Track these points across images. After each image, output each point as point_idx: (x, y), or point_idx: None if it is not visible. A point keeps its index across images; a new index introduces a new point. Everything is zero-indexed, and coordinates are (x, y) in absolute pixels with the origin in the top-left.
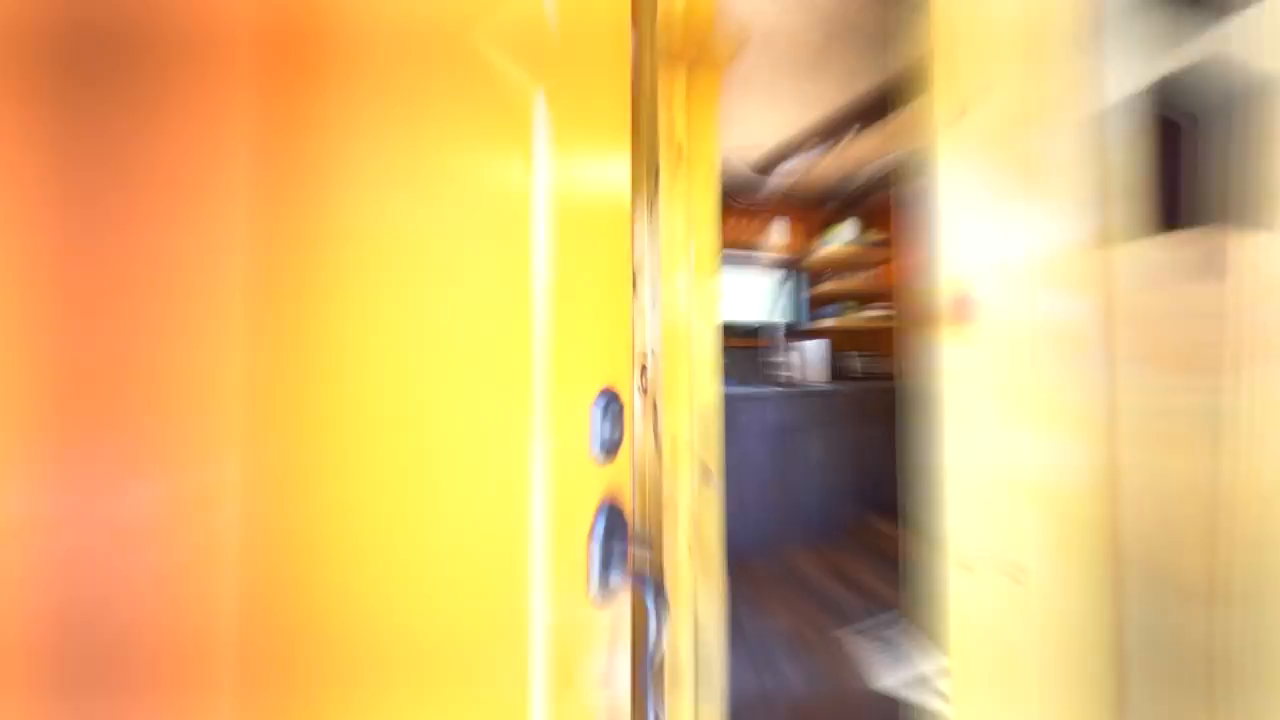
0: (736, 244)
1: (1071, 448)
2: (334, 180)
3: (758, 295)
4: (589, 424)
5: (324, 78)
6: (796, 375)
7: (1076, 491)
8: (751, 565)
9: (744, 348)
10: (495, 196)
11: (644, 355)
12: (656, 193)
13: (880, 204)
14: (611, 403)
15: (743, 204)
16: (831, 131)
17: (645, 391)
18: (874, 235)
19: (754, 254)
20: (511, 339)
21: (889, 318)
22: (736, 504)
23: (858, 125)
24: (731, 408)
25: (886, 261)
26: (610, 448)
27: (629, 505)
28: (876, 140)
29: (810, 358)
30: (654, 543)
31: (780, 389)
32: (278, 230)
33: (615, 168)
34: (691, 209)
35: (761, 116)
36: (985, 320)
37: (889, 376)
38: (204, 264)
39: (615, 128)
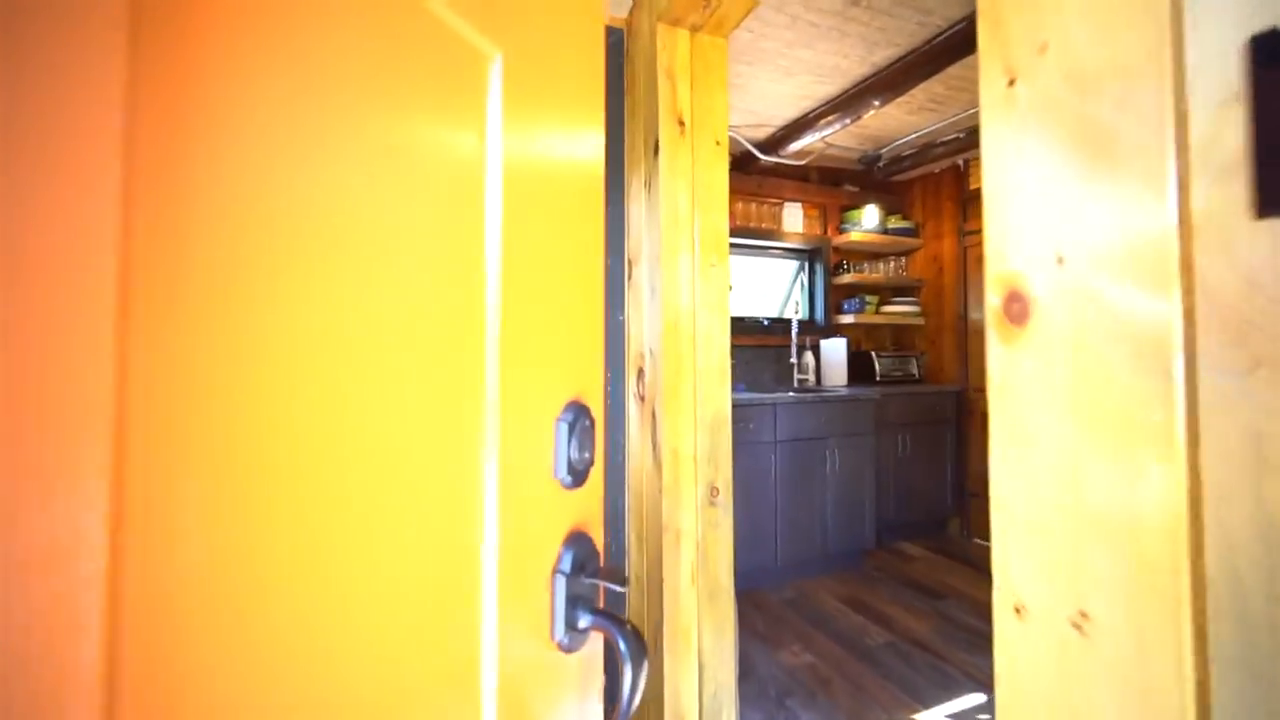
0: (745, 231)
1: (1148, 474)
2: (236, 155)
3: (769, 288)
4: (552, 443)
5: (232, 31)
6: (813, 379)
7: (1153, 526)
8: (764, 595)
9: (755, 347)
10: (439, 174)
11: (641, 356)
12: (656, 169)
13: (905, 187)
14: (580, 418)
15: (751, 186)
16: (850, 106)
17: (642, 399)
18: (898, 221)
19: (765, 242)
20: (458, 341)
21: (916, 313)
22: (747, 525)
23: (879, 99)
24: (740, 415)
25: (913, 251)
26: (578, 471)
27: (601, 536)
28: (901, 114)
29: (829, 359)
30: (642, 577)
31: (796, 394)
32: (161, 217)
33: (586, 143)
34: (696, 187)
35: (772, 90)
36: (1044, 322)
37: (915, 379)
38: (77, 257)
39: (586, 98)
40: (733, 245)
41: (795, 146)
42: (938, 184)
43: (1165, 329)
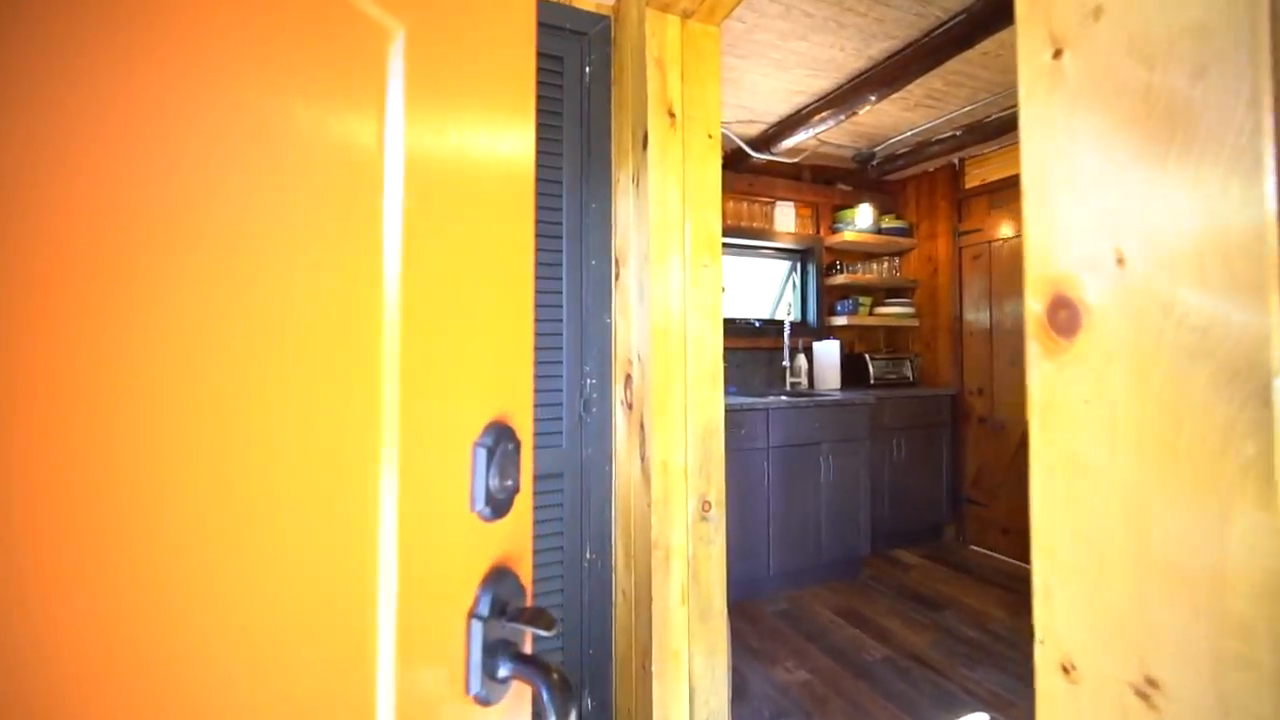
0: (736, 230)
1: (1237, 520)
2: (63, 139)
3: (761, 289)
4: (469, 471)
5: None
6: (805, 382)
7: (1245, 583)
8: (756, 606)
9: (746, 349)
10: (324, 167)
11: (629, 362)
12: (645, 164)
13: (899, 186)
14: (502, 442)
15: (742, 185)
16: (845, 101)
17: (630, 406)
18: (892, 221)
19: (756, 242)
20: (347, 358)
21: (910, 315)
22: (739, 534)
23: (875, 94)
24: (732, 420)
25: (907, 251)
26: (499, 500)
27: (528, 570)
28: (897, 111)
29: (822, 361)
30: (630, 595)
31: (789, 398)
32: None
33: (512, 135)
34: (687, 183)
35: (765, 85)
36: (1099, 333)
37: (910, 382)
38: None
39: (511, 83)
40: (724, 245)
41: (788, 144)
42: (932, 183)
43: (1261, 344)
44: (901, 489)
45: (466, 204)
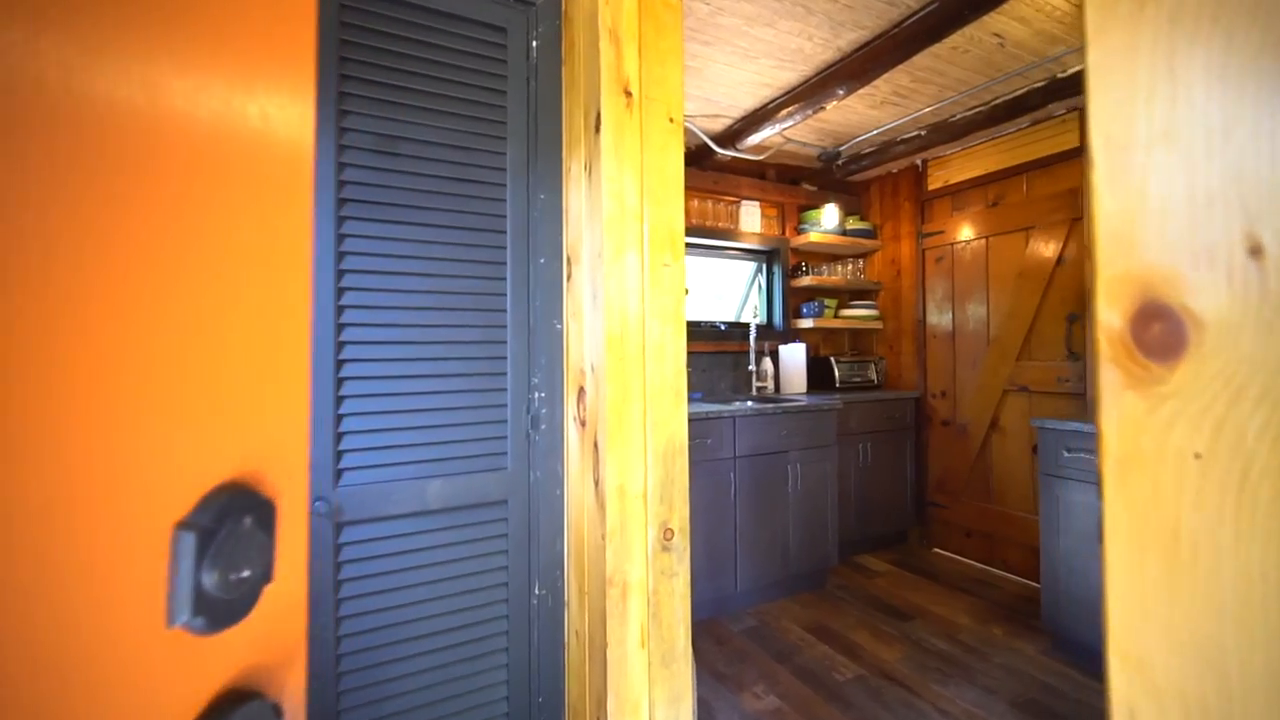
0: (701, 230)
1: None
2: None
3: (726, 291)
4: (164, 568)
5: None
6: (771, 386)
7: None
8: (723, 625)
9: (711, 353)
10: None
11: (582, 373)
12: (598, 149)
13: (862, 187)
14: (235, 514)
15: (707, 183)
16: (812, 95)
17: (583, 424)
18: (856, 223)
19: (721, 242)
20: None
21: (875, 317)
22: (705, 550)
23: (844, 88)
24: (697, 430)
25: (871, 253)
26: (225, 602)
27: (299, 677)
28: (864, 108)
29: (788, 365)
30: (584, 636)
31: (755, 405)
32: None
33: (252, 93)
34: (646, 172)
35: (730, 76)
36: (1220, 357)
37: (874, 385)
38: None
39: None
40: (688, 245)
41: (754, 140)
42: (896, 184)
43: None
44: (868, 495)
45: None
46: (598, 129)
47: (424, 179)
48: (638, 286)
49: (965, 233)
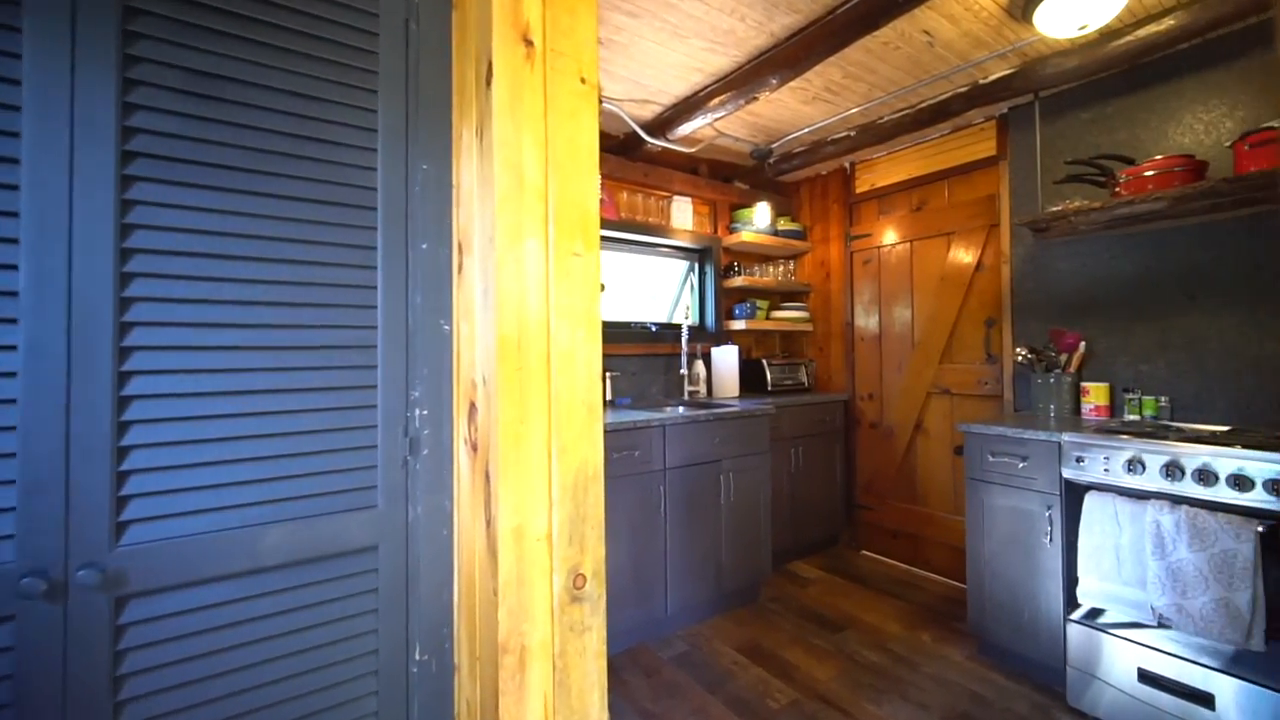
0: (632, 225)
1: None
2: None
3: (658, 290)
4: None
5: None
6: (704, 390)
7: None
8: (650, 653)
9: (642, 356)
10: None
11: (474, 386)
12: (490, 108)
13: (793, 188)
14: None
15: (637, 175)
16: (746, 83)
17: (475, 448)
18: (787, 224)
19: (653, 239)
20: None
21: (805, 319)
22: (631, 573)
23: (777, 77)
24: (625, 441)
25: (802, 255)
26: None
27: None
28: (796, 103)
29: (720, 368)
30: (475, 710)
31: (687, 411)
32: None
33: None
34: (552, 141)
35: (660, 56)
36: None
37: (805, 388)
38: None
39: None
40: (619, 240)
41: (685, 129)
42: (825, 186)
43: None
44: (800, 500)
45: None
46: (489, 83)
47: (261, 135)
48: (540, 280)
49: (891, 236)
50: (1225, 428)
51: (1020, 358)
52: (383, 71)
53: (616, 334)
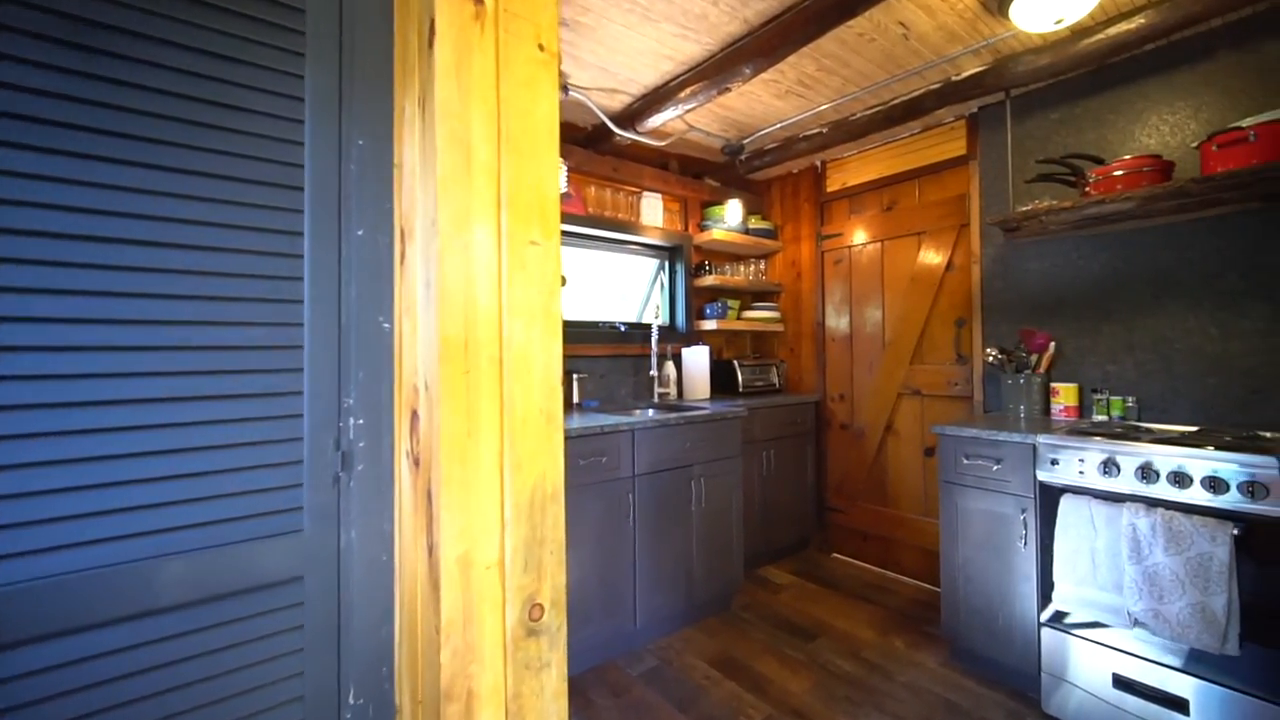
0: (601, 221)
1: None
2: None
3: (627, 289)
4: None
5: None
6: (674, 392)
7: None
8: (619, 670)
9: (610, 357)
10: None
11: (415, 392)
12: (432, 74)
13: (764, 187)
14: None
15: (606, 169)
16: (718, 73)
17: (417, 463)
18: (759, 222)
19: (623, 235)
20: None
21: (776, 319)
22: (599, 585)
23: (750, 66)
24: (592, 447)
25: (773, 254)
26: None
27: None
28: (769, 97)
29: (691, 369)
30: None
31: (657, 414)
32: None
33: None
34: (505, 113)
35: (629, 42)
36: None
37: (776, 389)
38: None
39: None
40: (587, 236)
41: (656, 121)
42: (796, 185)
43: None
44: (771, 504)
45: None
46: (431, 44)
47: (156, 98)
48: (491, 272)
49: (862, 236)
50: (1194, 428)
51: (991, 358)
52: (311, 31)
53: (584, 334)
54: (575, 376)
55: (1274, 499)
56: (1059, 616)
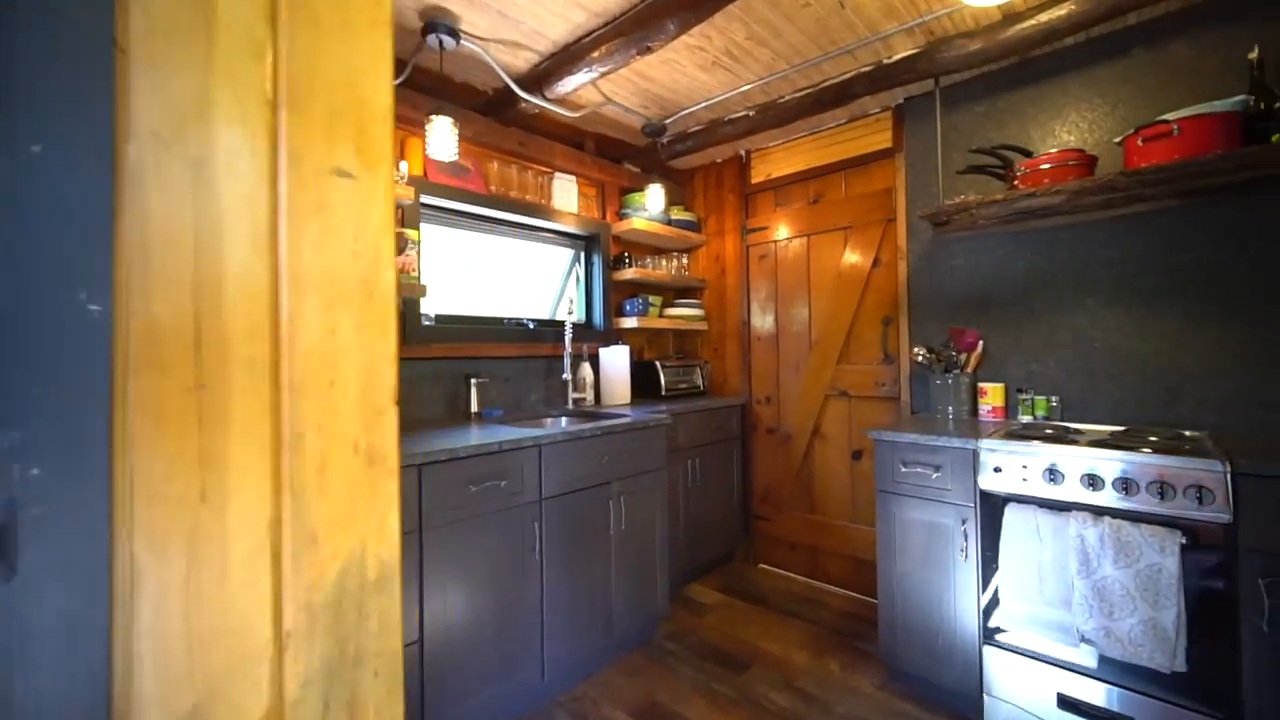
0: (506, 202)
1: None
2: None
3: (538, 282)
4: None
5: None
6: (591, 397)
7: None
8: None
9: (518, 359)
10: None
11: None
12: None
13: (687, 176)
14: None
15: (512, 142)
16: (638, 29)
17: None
18: (681, 213)
19: (532, 220)
20: None
21: (700, 317)
22: (496, 637)
23: (675, 21)
24: (490, 469)
25: (696, 248)
26: None
27: None
28: (693, 69)
29: (610, 371)
30: None
31: (570, 424)
32: None
33: None
34: None
35: None
36: None
37: (701, 391)
38: None
39: None
40: (490, 219)
41: (567, 86)
42: (720, 175)
43: None
44: (697, 517)
45: None
46: None
47: None
48: (256, 213)
49: (787, 230)
50: (1120, 428)
51: (919, 357)
52: None
53: (485, 332)
54: (474, 382)
55: (1220, 505)
56: (1002, 634)
